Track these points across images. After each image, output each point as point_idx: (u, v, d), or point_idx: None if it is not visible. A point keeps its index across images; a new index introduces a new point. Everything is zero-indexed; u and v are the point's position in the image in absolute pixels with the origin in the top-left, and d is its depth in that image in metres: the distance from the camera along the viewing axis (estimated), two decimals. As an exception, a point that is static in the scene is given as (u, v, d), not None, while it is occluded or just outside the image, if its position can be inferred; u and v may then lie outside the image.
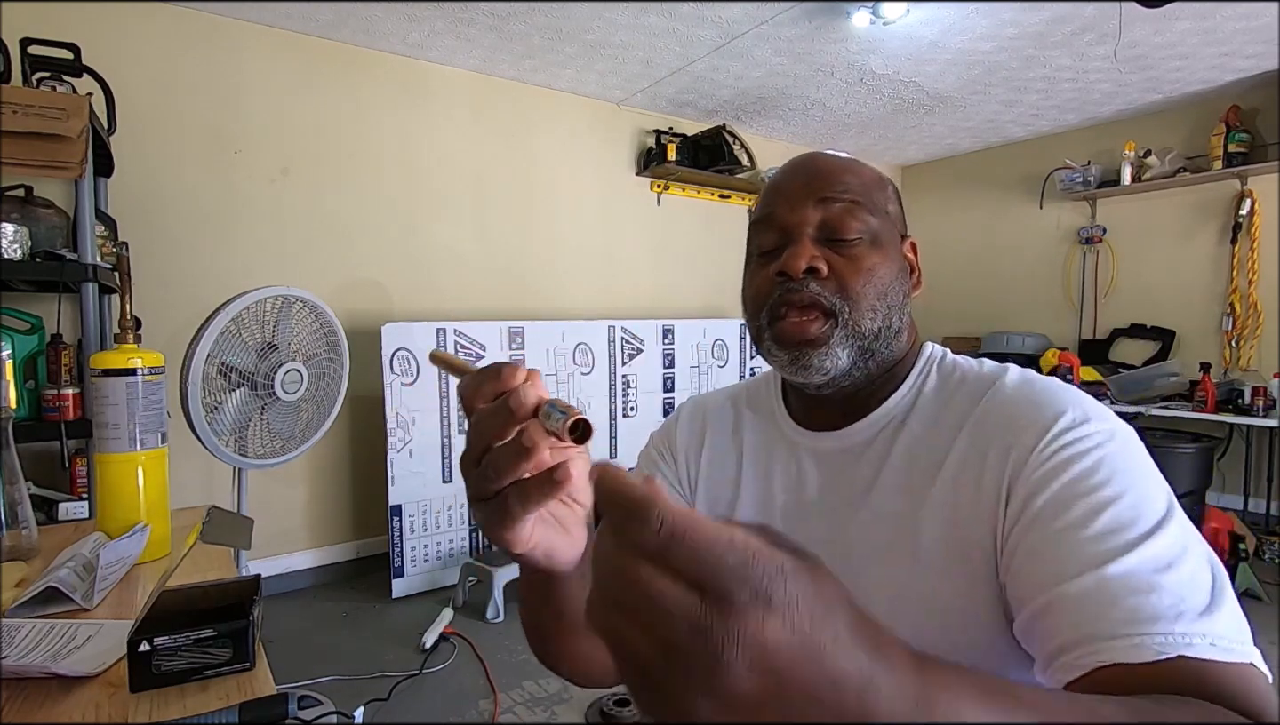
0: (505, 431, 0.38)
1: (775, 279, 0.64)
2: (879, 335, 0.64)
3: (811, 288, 0.62)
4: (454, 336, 3.05)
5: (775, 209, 0.66)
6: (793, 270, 0.62)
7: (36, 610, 0.82)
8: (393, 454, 2.88)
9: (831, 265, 0.63)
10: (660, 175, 4.10)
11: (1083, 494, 0.51)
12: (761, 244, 0.67)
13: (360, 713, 1.98)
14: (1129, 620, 0.45)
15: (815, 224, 0.64)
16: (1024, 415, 0.58)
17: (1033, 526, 0.52)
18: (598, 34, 3.03)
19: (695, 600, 0.24)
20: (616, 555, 0.25)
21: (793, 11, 2.80)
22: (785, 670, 0.23)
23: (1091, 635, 0.46)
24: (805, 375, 0.64)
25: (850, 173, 0.66)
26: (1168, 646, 0.44)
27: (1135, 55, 3.25)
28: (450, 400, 3.04)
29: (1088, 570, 0.48)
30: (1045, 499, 0.52)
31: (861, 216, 0.64)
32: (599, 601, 0.26)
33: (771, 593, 0.23)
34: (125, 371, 1.00)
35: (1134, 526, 0.49)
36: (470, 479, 0.40)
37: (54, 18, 2.44)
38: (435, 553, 2.99)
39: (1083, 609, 0.47)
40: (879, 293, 0.63)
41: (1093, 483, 0.52)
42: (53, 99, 1.91)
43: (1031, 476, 0.54)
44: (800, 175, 0.67)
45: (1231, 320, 3.85)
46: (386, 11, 2.81)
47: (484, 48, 3.17)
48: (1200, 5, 2.73)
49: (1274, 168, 3.63)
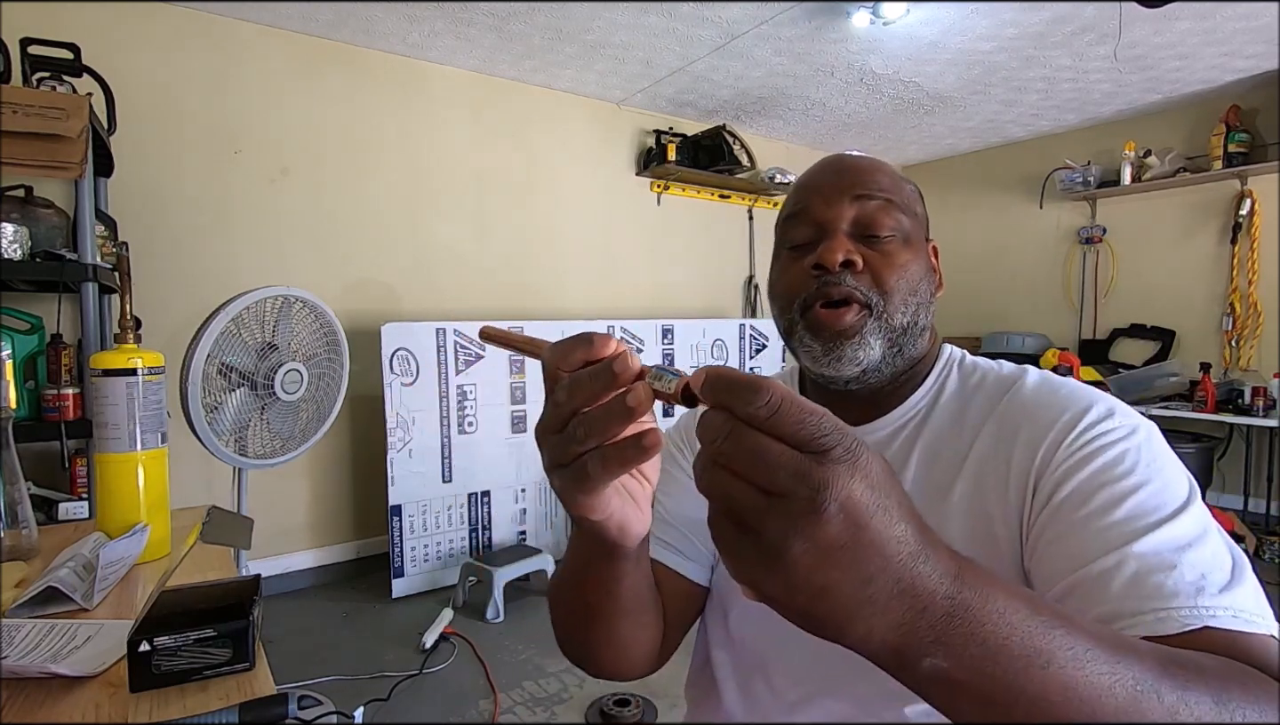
0: (603, 394, 0.37)
1: (810, 272, 0.65)
2: (908, 330, 0.65)
3: (848, 281, 0.64)
4: (453, 336, 3.04)
5: (809, 204, 0.67)
6: (830, 263, 0.63)
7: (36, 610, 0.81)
8: (392, 454, 2.88)
9: (866, 260, 0.64)
10: (660, 175, 4.10)
11: (1107, 483, 0.53)
12: (794, 238, 0.68)
13: (360, 713, 1.98)
14: (1153, 595, 0.46)
15: (850, 220, 0.65)
16: (1049, 411, 0.59)
17: (1057, 515, 0.53)
18: (598, 34, 3.03)
19: (798, 455, 0.28)
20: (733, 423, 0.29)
21: (793, 11, 2.80)
22: (863, 520, 0.28)
23: (1116, 613, 0.46)
24: (838, 367, 0.65)
25: (882, 173, 0.68)
26: (1193, 618, 0.44)
27: (1135, 55, 3.25)
28: (450, 400, 3.04)
29: (1111, 551, 0.49)
30: (1070, 489, 0.54)
31: (894, 215, 0.65)
32: (710, 465, 0.30)
33: (857, 455, 0.28)
34: (125, 371, 1.00)
35: (1156, 512, 0.50)
36: (550, 444, 0.40)
37: (54, 18, 2.44)
38: (435, 553, 2.99)
39: (1107, 588, 0.48)
40: (910, 288, 0.65)
41: (1117, 473, 0.53)
42: (53, 99, 1.91)
43: (1058, 469, 0.55)
44: (833, 173, 0.68)
45: (1231, 320, 3.85)
46: (386, 11, 2.81)
47: (484, 48, 3.17)
48: (1200, 5, 2.73)
49: (1274, 168, 3.63)
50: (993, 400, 0.64)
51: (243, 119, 2.90)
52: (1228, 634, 0.43)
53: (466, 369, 3.09)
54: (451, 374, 3.04)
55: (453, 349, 3.05)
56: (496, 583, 2.68)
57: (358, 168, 3.17)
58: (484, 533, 3.12)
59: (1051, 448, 0.57)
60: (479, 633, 2.55)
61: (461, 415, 3.07)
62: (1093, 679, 0.31)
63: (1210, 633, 0.43)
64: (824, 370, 0.66)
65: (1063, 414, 0.58)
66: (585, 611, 0.59)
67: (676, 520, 0.73)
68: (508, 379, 3.21)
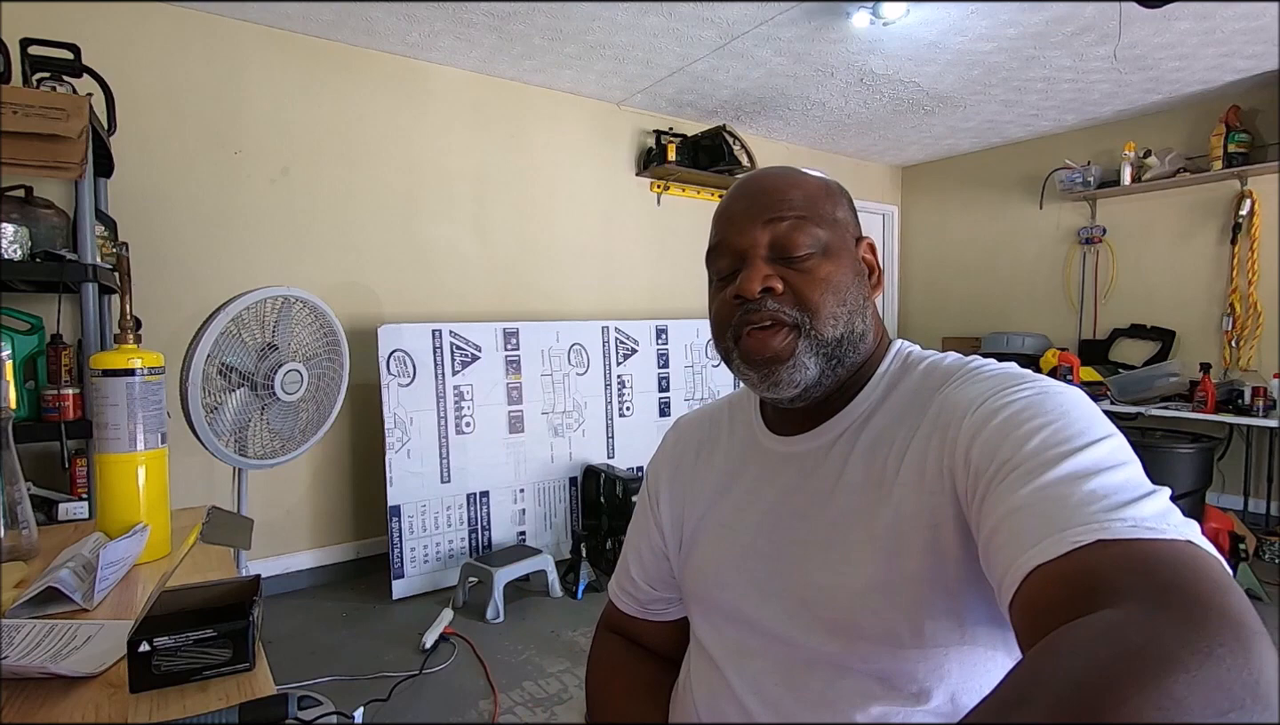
0: None
1: (734, 302, 0.66)
2: (842, 341, 0.65)
3: (770, 306, 0.64)
4: (449, 337, 3.05)
5: (725, 234, 0.69)
6: (748, 292, 0.64)
7: (36, 610, 0.81)
8: (390, 455, 2.88)
9: (787, 281, 0.65)
10: (660, 175, 4.10)
11: (1010, 430, 0.52)
12: (719, 270, 0.71)
13: (360, 713, 1.98)
14: (1050, 522, 0.44)
15: (765, 244, 0.66)
16: (970, 391, 0.59)
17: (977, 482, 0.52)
18: (598, 34, 3.03)
19: None
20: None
21: (793, 12, 2.80)
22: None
23: (1021, 546, 0.44)
24: (776, 391, 0.66)
25: (795, 187, 0.68)
26: (1084, 534, 0.41)
27: (1135, 55, 3.25)
28: (447, 401, 3.04)
29: (1022, 488, 0.47)
30: (978, 450, 0.53)
31: (809, 231, 0.65)
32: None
33: None
34: (125, 372, 1.00)
35: (1066, 443, 0.49)
36: None
37: (54, 18, 2.44)
38: (435, 553, 2.99)
39: (1015, 525, 0.46)
40: (838, 300, 0.65)
41: (1019, 420, 0.52)
42: (53, 99, 1.91)
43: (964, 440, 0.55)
44: (744, 199, 0.69)
45: (1231, 320, 3.85)
46: (386, 11, 2.81)
47: (484, 48, 3.17)
48: (1200, 5, 2.73)
49: (1274, 168, 3.63)
50: (932, 391, 0.63)
51: (243, 119, 2.90)
52: (1125, 543, 0.40)
53: (463, 370, 3.09)
54: (448, 375, 3.05)
55: (448, 350, 3.05)
56: (496, 583, 2.68)
57: (358, 168, 3.17)
58: (483, 533, 3.12)
59: (957, 424, 0.57)
60: (479, 633, 2.55)
61: (459, 416, 3.07)
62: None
63: (1102, 546, 0.40)
64: (764, 394, 0.68)
65: (979, 391, 0.58)
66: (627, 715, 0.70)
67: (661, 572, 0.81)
68: (504, 379, 3.21)
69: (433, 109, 3.36)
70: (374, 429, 2.98)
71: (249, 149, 2.91)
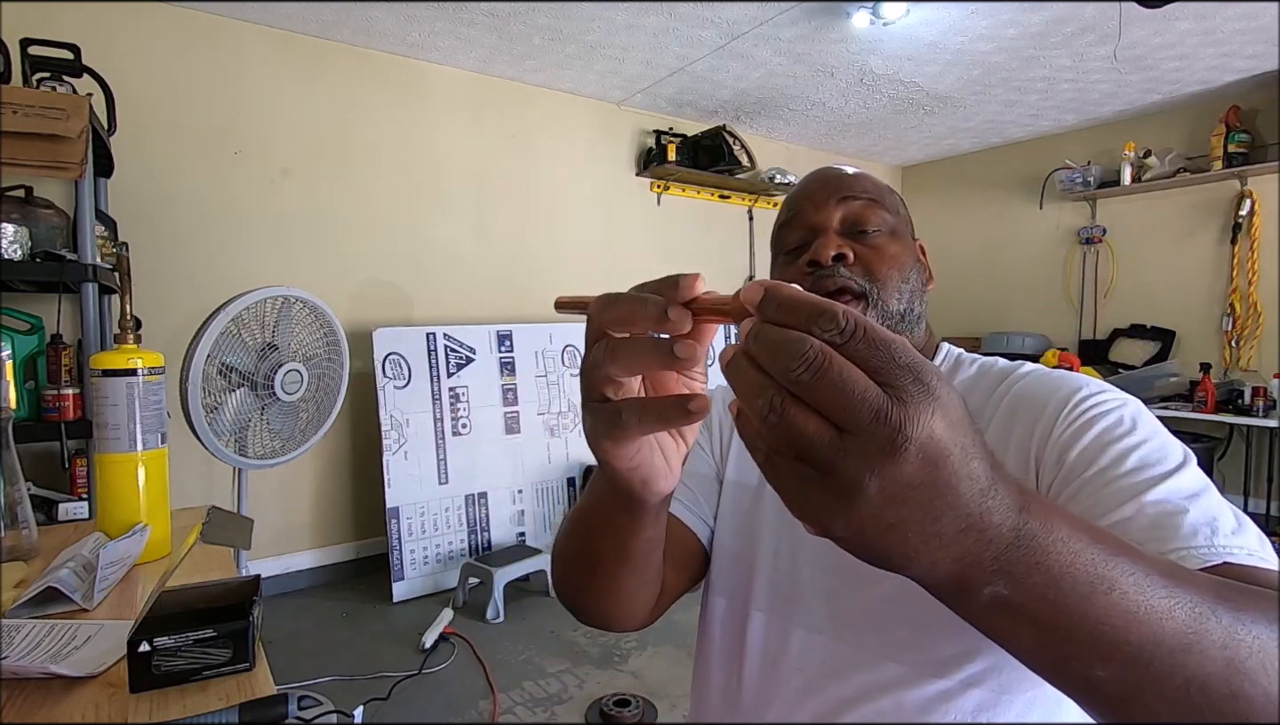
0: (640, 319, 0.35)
1: (805, 269, 0.69)
2: (905, 316, 0.69)
3: (841, 273, 0.67)
4: (444, 340, 3.06)
5: (800, 210, 0.73)
6: (822, 258, 0.68)
7: (36, 610, 0.81)
8: (388, 457, 2.88)
9: (857, 253, 0.69)
10: (660, 175, 4.10)
11: (1110, 443, 0.55)
12: (788, 243, 0.73)
13: (360, 712, 1.98)
14: (1171, 537, 0.47)
15: (838, 219, 0.70)
16: (1044, 392, 0.62)
17: (1069, 480, 0.55)
18: (598, 34, 3.03)
19: (879, 391, 0.27)
20: (816, 351, 0.27)
21: (793, 12, 2.80)
22: (940, 460, 0.27)
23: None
24: None
25: (866, 178, 0.74)
26: (1213, 555, 0.45)
27: (1135, 55, 3.25)
28: (443, 403, 3.04)
29: (1126, 502, 0.51)
30: (1077, 452, 0.56)
31: (879, 212, 0.71)
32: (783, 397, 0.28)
33: (937, 391, 0.27)
34: (125, 372, 1.00)
35: (1161, 464, 0.53)
36: (585, 378, 0.39)
37: (54, 18, 2.44)
38: (434, 555, 2.99)
39: (1126, 534, 0.48)
40: (902, 276, 0.69)
41: (1118, 433, 0.56)
42: (53, 99, 1.91)
43: (1060, 439, 0.58)
44: (820, 181, 0.74)
45: (1231, 320, 3.85)
46: (386, 11, 2.81)
47: (484, 48, 3.17)
48: (1200, 5, 2.73)
49: (1274, 168, 3.63)
50: (992, 390, 0.66)
51: (243, 119, 2.90)
52: (1248, 569, 0.45)
53: (458, 372, 3.10)
54: (443, 377, 3.05)
55: (442, 352, 3.06)
56: (497, 583, 2.68)
57: (358, 168, 3.17)
58: (482, 534, 3.12)
59: (1049, 421, 0.59)
60: (479, 633, 2.55)
61: (455, 418, 3.07)
62: (1153, 603, 0.31)
63: (1230, 568, 0.44)
64: None
65: (1057, 392, 0.61)
66: (590, 559, 0.59)
67: (689, 477, 0.76)
68: (499, 381, 3.21)
69: (432, 109, 3.36)
70: (374, 429, 2.98)
71: (249, 149, 2.91)
